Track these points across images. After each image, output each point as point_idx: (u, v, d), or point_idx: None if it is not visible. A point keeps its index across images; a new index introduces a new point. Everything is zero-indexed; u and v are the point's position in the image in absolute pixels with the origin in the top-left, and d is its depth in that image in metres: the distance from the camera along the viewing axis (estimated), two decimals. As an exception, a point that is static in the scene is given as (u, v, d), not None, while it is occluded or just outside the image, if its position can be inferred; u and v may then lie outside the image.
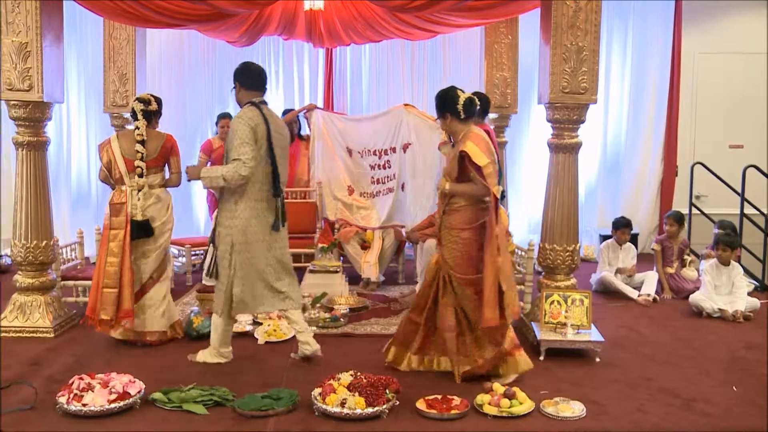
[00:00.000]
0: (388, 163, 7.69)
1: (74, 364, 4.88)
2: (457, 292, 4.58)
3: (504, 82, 7.88)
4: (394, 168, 7.65)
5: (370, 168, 7.83)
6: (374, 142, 7.76)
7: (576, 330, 5.13)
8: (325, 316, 5.93)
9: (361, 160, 7.86)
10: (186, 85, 9.21)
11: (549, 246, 5.64)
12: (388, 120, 7.68)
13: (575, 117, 5.43)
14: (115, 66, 7.14)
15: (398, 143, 7.58)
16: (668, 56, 9.20)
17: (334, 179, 7.95)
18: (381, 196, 7.76)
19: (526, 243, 6.15)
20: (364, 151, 7.82)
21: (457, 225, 4.55)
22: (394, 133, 7.60)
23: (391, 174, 7.67)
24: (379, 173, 7.78)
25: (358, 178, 7.91)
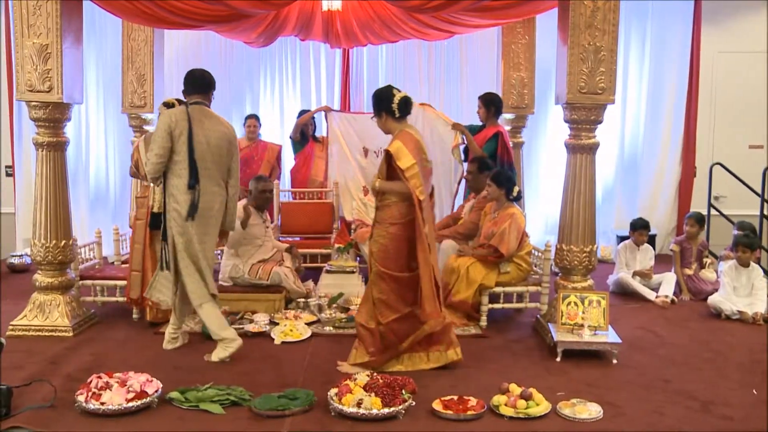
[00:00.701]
0: None
1: (92, 363, 4.92)
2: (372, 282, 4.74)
3: (521, 83, 7.86)
4: None
5: None
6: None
7: (593, 331, 5.11)
8: (342, 316, 5.93)
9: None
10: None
11: (566, 247, 5.63)
12: None
13: (593, 117, 5.41)
14: (134, 67, 7.20)
15: None
16: (687, 55, 9.13)
17: (351, 179, 7.96)
18: None
19: (543, 244, 6.13)
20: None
21: (387, 220, 4.68)
22: None
23: None
24: None
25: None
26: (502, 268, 5.97)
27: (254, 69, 9.40)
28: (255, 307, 6.20)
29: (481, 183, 6.51)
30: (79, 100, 5.76)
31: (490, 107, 7.11)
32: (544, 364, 5.03)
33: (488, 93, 7.26)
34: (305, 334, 5.58)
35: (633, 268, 7.30)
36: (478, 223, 6.38)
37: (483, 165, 6.56)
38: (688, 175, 9.29)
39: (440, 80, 9.37)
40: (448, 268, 6.00)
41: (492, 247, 5.87)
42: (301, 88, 9.48)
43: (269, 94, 9.49)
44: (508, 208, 6.01)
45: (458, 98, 9.27)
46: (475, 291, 5.87)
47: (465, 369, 4.88)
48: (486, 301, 5.95)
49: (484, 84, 8.60)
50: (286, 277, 6.32)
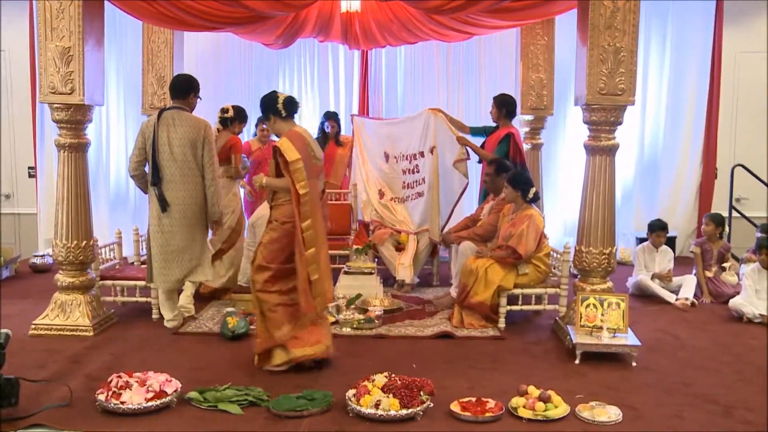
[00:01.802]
0: (417, 167, 7.64)
1: (113, 363, 4.96)
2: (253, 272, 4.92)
3: (540, 84, 7.84)
4: (423, 172, 7.56)
5: (403, 172, 7.80)
6: (407, 147, 7.71)
7: (612, 333, 5.08)
8: (360, 317, 5.94)
9: (396, 165, 7.83)
10: (222, 87, 9.26)
11: (585, 249, 5.60)
12: (417, 123, 7.58)
13: (612, 118, 5.38)
14: (154, 69, 7.25)
15: (426, 147, 7.49)
16: (708, 55, 9.05)
17: (370, 181, 7.96)
18: (411, 200, 7.71)
19: (562, 245, 6.11)
20: (400, 156, 7.77)
21: (280, 218, 4.82)
22: (422, 136, 7.51)
23: (420, 178, 7.59)
24: (409, 178, 7.73)
25: (391, 183, 7.88)
26: (520, 269, 5.95)
27: (273, 71, 9.43)
28: (273, 308, 6.20)
29: (499, 185, 6.50)
30: (100, 101, 5.81)
31: (502, 108, 7.10)
32: (562, 366, 5.01)
33: (502, 94, 7.25)
34: (324, 335, 5.58)
35: (652, 270, 7.25)
36: (497, 225, 6.37)
37: (501, 167, 6.55)
38: (709, 177, 9.22)
39: (458, 81, 9.35)
40: (467, 270, 5.99)
41: (510, 249, 5.86)
42: (319, 89, 9.50)
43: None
44: (527, 209, 6.00)
45: (476, 99, 9.25)
46: (493, 293, 5.86)
47: (483, 371, 4.88)
48: (504, 303, 5.94)
49: (503, 85, 8.59)
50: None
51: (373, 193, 7.90)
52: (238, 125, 6.92)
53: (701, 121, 9.20)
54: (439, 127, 7.32)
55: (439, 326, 5.92)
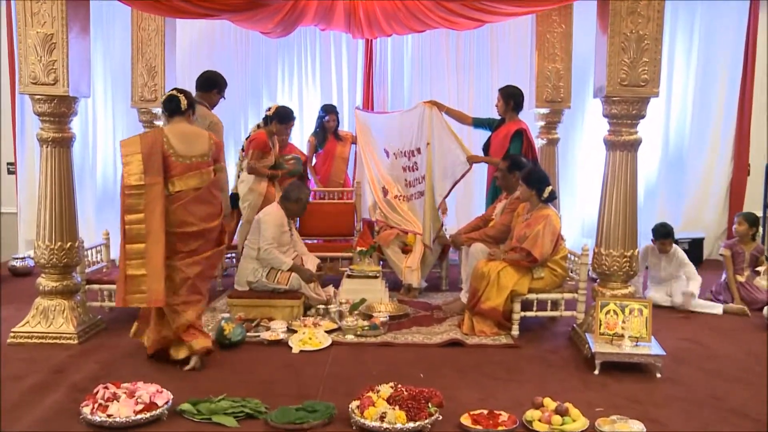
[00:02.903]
0: (416, 165, 7.62)
1: (99, 372, 4.96)
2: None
3: (556, 75, 7.81)
4: (422, 170, 7.53)
5: (403, 170, 7.78)
6: (404, 143, 7.69)
7: (634, 342, 5.06)
8: (364, 323, 5.94)
9: (396, 162, 7.83)
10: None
11: (605, 251, 5.59)
12: (412, 118, 7.55)
13: (634, 111, 5.37)
14: (144, 58, 7.24)
15: (423, 143, 7.47)
16: (741, 43, 9.01)
17: (374, 179, 7.95)
18: (415, 199, 7.71)
19: (580, 247, 6.09)
20: (399, 153, 7.76)
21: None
22: (418, 131, 7.49)
23: (420, 176, 7.57)
24: (411, 175, 7.72)
25: (395, 181, 7.87)
26: (535, 273, 5.94)
27: (271, 61, 9.43)
28: (272, 313, 6.24)
29: (511, 182, 6.50)
30: (86, 93, 5.81)
31: (509, 101, 7.09)
32: (581, 376, 5.00)
33: (509, 86, 7.25)
34: (325, 342, 5.59)
35: (657, 275, 7.17)
36: (510, 226, 6.36)
37: (513, 164, 6.52)
38: (741, 174, 9.19)
39: (469, 72, 9.34)
40: (478, 273, 5.98)
41: (524, 251, 5.85)
42: (321, 81, 9.50)
43: (287, 87, 9.51)
44: (542, 209, 5.99)
45: (488, 92, 9.22)
46: (506, 298, 5.85)
47: (496, 381, 4.87)
48: (518, 309, 5.93)
49: (517, 77, 8.56)
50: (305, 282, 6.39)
51: (377, 191, 7.90)
52: (276, 125, 7.34)
53: (732, 113, 9.17)
54: (435, 122, 7.29)
55: (448, 333, 5.92)
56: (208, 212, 5.13)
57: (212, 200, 5.17)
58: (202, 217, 5.09)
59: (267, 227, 6.39)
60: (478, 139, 8.09)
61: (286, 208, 6.59)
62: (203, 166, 5.10)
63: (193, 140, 5.12)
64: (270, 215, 6.48)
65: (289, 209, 6.61)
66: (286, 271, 6.34)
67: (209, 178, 5.12)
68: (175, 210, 4.97)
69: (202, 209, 5.09)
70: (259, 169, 7.21)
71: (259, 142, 7.19)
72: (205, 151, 5.11)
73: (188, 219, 5.02)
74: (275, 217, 6.46)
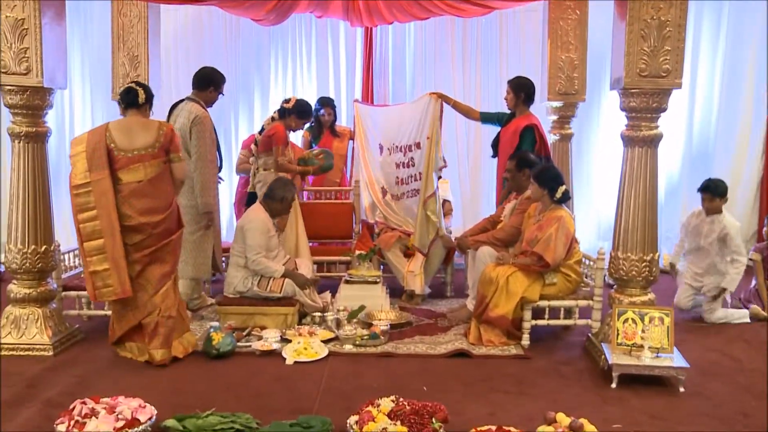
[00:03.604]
0: (411, 161, 7.60)
1: (76, 387, 4.92)
2: None
3: (570, 65, 7.76)
4: (419, 166, 7.51)
5: (396, 166, 7.78)
6: (400, 137, 7.68)
7: (655, 353, 5.03)
8: (363, 332, 5.92)
9: (389, 158, 7.81)
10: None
11: (622, 255, 5.57)
12: (417, 110, 7.53)
13: (655, 104, 5.34)
14: (125, 47, 7.17)
15: (422, 138, 7.44)
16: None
17: (372, 177, 7.94)
18: (407, 198, 7.71)
19: (596, 251, 6.07)
20: (393, 148, 7.76)
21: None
22: (419, 125, 7.47)
23: (416, 173, 7.57)
24: (403, 173, 7.72)
25: (387, 179, 7.88)
26: (547, 278, 5.92)
27: (263, 50, 9.44)
28: (264, 322, 6.23)
29: (521, 181, 6.49)
30: (62, 84, 5.78)
31: (520, 93, 7.05)
32: (596, 390, 4.98)
33: (519, 77, 7.23)
34: (321, 353, 5.58)
35: (696, 242, 6.90)
36: (520, 228, 6.35)
37: (522, 161, 6.50)
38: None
39: (476, 63, 9.36)
40: (486, 279, 5.96)
41: (536, 255, 5.83)
42: (317, 72, 9.52)
43: (281, 79, 9.54)
44: (555, 210, 5.97)
45: (497, 84, 9.24)
46: (516, 305, 5.83)
47: (505, 395, 4.85)
48: (529, 317, 5.91)
49: (527, 67, 8.56)
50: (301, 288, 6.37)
51: (376, 190, 7.88)
52: (295, 120, 7.41)
53: (762, 106, 9.11)
54: (437, 115, 7.28)
55: (453, 343, 5.91)
56: (148, 206, 5.39)
57: (155, 194, 5.43)
58: (140, 211, 5.36)
59: (252, 236, 6.34)
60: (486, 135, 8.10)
61: (270, 208, 6.56)
62: (146, 158, 5.37)
63: (136, 133, 5.41)
64: (253, 222, 6.42)
65: (273, 209, 6.58)
66: (279, 278, 6.32)
67: (156, 170, 5.40)
68: (120, 203, 5.35)
69: (142, 203, 5.36)
70: (289, 166, 7.24)
71: (280, 136, 7.20)
72: (150, 143, 5.38)
73: (127, 212, 5.35)
74: (259, 224, 6.41)
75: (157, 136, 5.39)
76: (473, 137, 9.40)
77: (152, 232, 5.39)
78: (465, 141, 9.44)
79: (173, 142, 5.49)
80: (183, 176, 5.68)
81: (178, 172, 5.56)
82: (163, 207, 5.42)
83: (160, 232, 5.43)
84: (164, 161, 5.46)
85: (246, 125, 9.52)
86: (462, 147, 9.42)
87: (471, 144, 9.47)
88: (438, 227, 7.28)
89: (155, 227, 5.39)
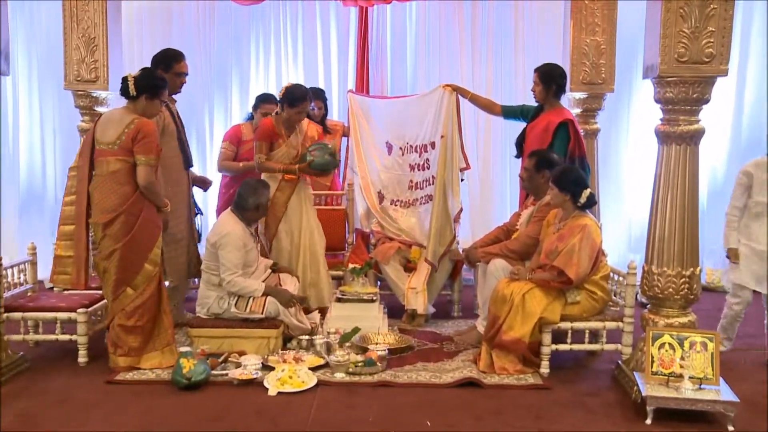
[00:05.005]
0: (427, 163, 7.61)
1: (20, 425, 4.89)
2: None
3: (597, 50, 7.76)
4: (433, 168, 7.51)
5: (410, 169, 7.79)
6: (416, 135, 7.72)
7: (697, 384, 5.01)
8: (357, 358, 5.92)
9: (401, 159, 7.80)
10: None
11: (657, 269, 5.56)
12: (429, 104, 7.55)
13: (695, 95, 5.32)
14: (80, 28, 7.12)
15: (437, 136, 7.44)
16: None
17: (367, 180, 7.92)
18: (421, 205, 7.72)
19: (626, 265, 6.06)
20: (407, 147, 7.76)
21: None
22: (435, 121, 7.48)
23: (431, 176, 7.58)
24: (419, 176, 7.73)
25: (395, 182, 7.89)
26: (569, 296, 5.91)
27: (242, 33, 9.45)
28: (243, 346, 6.18)
29: (539, 184, 6.49)
30: (4, 70, 5.76)
31: (551, 83, 6.96)
32: (628, 426, 4.98)
33: (548, 65, 7.12)
34: (309, 382, 5.56)
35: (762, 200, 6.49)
36: (538, 238, 6.34)
37: (542, 161, 6.47)
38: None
39: (487, 48, 9.37)
40: (499, 296, 5.95)
41: (556, 269, 5.80)
42: (303, 59, 9.52)
43: (262, 66, 9.55)
44: (579, 217, 5.94)
45: (511, 72, 9.27)
46: (533, 327, 5.81)
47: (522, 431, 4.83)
48: (548, 341, 5.90)
49: (547, 53, 8.57)
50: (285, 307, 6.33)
51: (372, 195, 7.86)
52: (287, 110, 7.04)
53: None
54: (453, 111, 7.26)
55: (461, 371, 5.90)
56: (101, 204, 5.82)
57: (108, 192, 5.79)
58: (95, 207, 5.86)
59: (225, 254, 6.25)
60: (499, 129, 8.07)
61: (244, 218, 6.49)
62: (107, 154, 5.77)
63: (109, 126, 5.83)
64: (227, 237, 6.29)
65: (248, 218, 6.51)
66: (260, 297, 6.28)
67: (114, 168, 5.77)
68: (89, 194, 5.91)
69: (97, 199, 5.83)
70: (269, 165, 7.08)
71: (261, 131, 7.10)
72: (112, 140, 5.77)
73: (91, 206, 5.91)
74: (234, 239, 6.29)
75: (119, 134, 5.72)
76: (483, 132, 9.37)
77: (105, 233, 5.79)
78: (474, 137, 9.40)
79: (139, 142, 5.71)
80: (144, 181, 5.79)
81: (138, 175, 5.77)
82: (113, 208, 5.75)
83: (112, 235, 5.79)
84: (128, 161, 5.75)
85: (222, 121, 9.49)
86: (471, 144, 9.36)
87: (481, 140, 9.44)
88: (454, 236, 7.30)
89: (105, 228, 5.78)
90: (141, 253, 5.84)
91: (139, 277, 5.86)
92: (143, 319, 5.83)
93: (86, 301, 6.16)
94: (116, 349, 5.84)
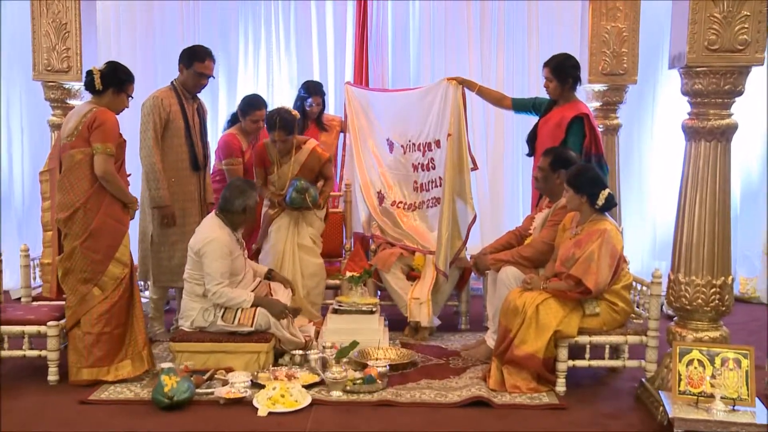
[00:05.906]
0: (432, 162, 7.61)
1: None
2: None
3: (618, 38, 7.75)
4: (439, 169, 7.54)
5: (414, 168, 7.80)
6: (417, 133, 7.74)
7: (730, 405, 4.97)
8: (356, 375, 5.91)
9: (404, 158, 7.80)
10: (157, 48, 9.29)
11: (684, 278, 5.54)
12: (433, 98, 7.55)
13: (727, 86, 5.29)
14: (50, 12, 7.13)
15: (442, 134, 7.44)
16: None
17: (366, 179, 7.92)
18: (428, 208, 7.72)
19: (650, 273, 6.03)
20: (409, 145, 7.77)
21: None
22: (439, 117, 7.49)
23: (436, 177, 7.60)
24: (424, 176, 7.75)
25: (399, 182, 7.89)
26: (587, 308, 5.89)
27: (229, 25, 9.48)
28: (231, 362, 6.18)
29: (555, 185, 6.47)
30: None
31: (566, 78, 6.93)
32: (653, 451, 4.95)
33: (557, 56, 7.09)
34: (303, 401, 5.55)
35: None
36: (553, 244, 6.33)
37: (558, 159, 6.45)
38: None
39: (498, 40, 9.40)
40: (510, 308, 5.93)
41: (573, 278, 5.78)
42: (297, 52, 9.53)
43: (251, 63, 9.58)
44: (597, 221, 5.92)
45: (524, 65, 9.29)
46: (548, 341, 5.78)
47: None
48: (565, 357, 5.88)
49: (563, 43, 8.59)
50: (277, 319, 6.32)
51: (371, 195, 7.85)
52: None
53: None
54: (458, 106, 7.25)
55: (469, 389, 5.90)
56: (59, 201, 5.97)
57: (65, 187, 5.93)
58: (56, 206, 6.01)
59: (210, 262, 6.20)
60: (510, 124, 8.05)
61: (230, 222, 6.45)
62: (67, 147, 5.92)
63: (70, 119, 5.99)
64: (210, 244, 6.24)
65: (234, 222, 6.48)
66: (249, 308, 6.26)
67: (72, 161, 5.90)
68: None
69: (58, 197, 5.98)
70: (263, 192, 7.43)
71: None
72: (70, 131, 5.90)
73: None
74: (218, 246, 6.23)
75: (77, 123, 5.87)
76: (493, 128, 9.36)
77: (66, 231, 5.93)
78: (483, 133, 9.42)
79: (95, 130, 5.82)
80: (100, 171, 5.87)
81: (96, 165, 5.86)
82: (71, 203, 5.87)
83: (72, 233, 5.91)
84: (86, 152, 5.87)
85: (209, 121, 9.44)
86: (479, 141, 9.37)
87: (490, 137, 9.43)
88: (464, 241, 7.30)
89: (64, 225, 5.91)
90: (103, 251, 5.91)
91: (104, 277, 5.94)
92: (110, 325, 5.89)
93: (56, 313, 6.11)
94: (79, 359, 5.89)
